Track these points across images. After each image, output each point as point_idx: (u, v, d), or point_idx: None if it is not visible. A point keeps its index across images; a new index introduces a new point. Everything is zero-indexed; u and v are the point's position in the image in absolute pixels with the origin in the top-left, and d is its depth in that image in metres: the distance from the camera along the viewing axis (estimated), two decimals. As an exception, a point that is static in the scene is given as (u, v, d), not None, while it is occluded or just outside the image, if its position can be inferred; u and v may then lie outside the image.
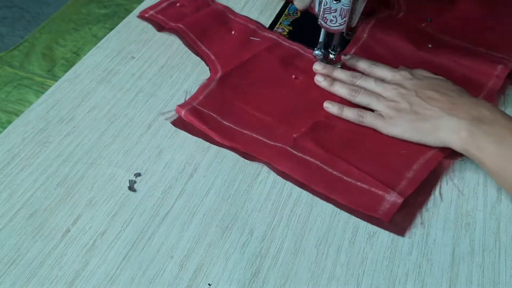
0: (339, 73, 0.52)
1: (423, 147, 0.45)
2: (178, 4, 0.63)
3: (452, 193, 0.43)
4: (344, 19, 0.47)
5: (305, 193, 0.43)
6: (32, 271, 0.37)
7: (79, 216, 0.41)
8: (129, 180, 0.44)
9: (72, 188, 0.43)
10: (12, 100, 1.36)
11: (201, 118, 0.48)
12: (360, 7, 0.48)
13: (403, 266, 0.38)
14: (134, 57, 0.57)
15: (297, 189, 0.44)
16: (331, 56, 0.53)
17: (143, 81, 0.54)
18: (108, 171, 0.44)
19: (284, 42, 0.58)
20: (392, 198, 0.41)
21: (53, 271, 0.37)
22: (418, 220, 0.41)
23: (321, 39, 0.53)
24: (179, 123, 0.49)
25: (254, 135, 0.47)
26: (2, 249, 0.39)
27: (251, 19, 0.61)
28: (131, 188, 0.43)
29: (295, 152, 0.45)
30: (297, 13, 0.64)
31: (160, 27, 0.60)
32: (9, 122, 1.18)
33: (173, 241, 0.40)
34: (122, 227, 0.40)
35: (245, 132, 0.48)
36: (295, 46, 0.58)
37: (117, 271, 0.38)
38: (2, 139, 0.47)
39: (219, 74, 0.53)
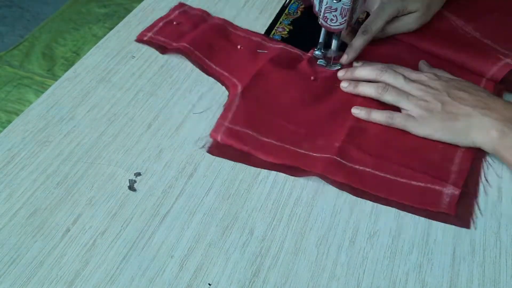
0: (361, 71, 0.50)
1: None
2: (174, 23, 0.60)
3: (453, 192, 0.43)
4: (345, 18, 0.47)
5: (305, 193, 0.43)
6: (32, 270, 0.37)
7: (79, 216, 0.41)
8: (129, 179, 0.44)
9: (72, 188, 0.43)
10: (12, 100, 1.36)
11: (239, 138, 0.47)
12: (360, 7, 0.48)
13: (404, 265, 0.38)
14: (134, 57, 0.57)
15: (298, 189, 0.43)
16: (334, 44, 0.52)
17: (143, 80, 0.54)
18: (108, 171, 0.44)
19: (292, 50, 0.57)
20: (450, 190, 0.42)
21: (53, 271, 0.37)
22: (476, 210, 0.42)
23: (321, 39, 0.53)
24: (216, 150, 0.46)
25: (297, 149, 0.46)
26: (2, 248, 0.39)
27: (252, 31, 0.60)
28: (131, 187, 0.43)
29: (344, 162, 0.45)
30: (297, 12, 0.64)
31: (163, 49, 0.57)
32: (9, 122, 1.18)
33: (173, 240, 0.39)
34: (122, 226, 0.40)
35: (287, 146, 0.46)
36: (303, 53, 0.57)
37: (117, 270, 0.38)
38: (2, 139, 0.47)
39: (239, 89, 0.52)
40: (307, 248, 0.39)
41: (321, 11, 0.48)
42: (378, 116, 0.47)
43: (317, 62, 0.54)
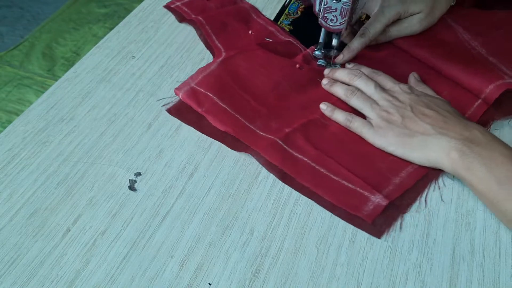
0: (340, 73, 0.51)
1: None
2: None
3: (453, 192, 0.43)
4: (344, 18, 0.47)
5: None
6: (32, 270, 0.37)
7: (79, 216, 0.41)
8: (129, 179, 0.44)
9: (72, 188, 0.43)
10: (12, 100, 1.36)
11: (197, 99, 0.49)
12: (360, 7, 0.48)
13: (403, 265, 0.38)
14: (134, 57, 0.57)
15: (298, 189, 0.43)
16: (334, 42, 0.52)
17: (143, 80, 0.54)
18: (108, 171, 0.44)
19: (296, 44, 0.58)
20: (377, 199, 0.41)
21: (53, 271, 0.37)
22: (397, 224, 0.41)
23: (321, 39, 0.53)
24: (174, 110, 0.49)
25: (247, 124, 0.47)
26: (2, 248, 0.39)
27: (272, 22, 0.61)
28: (132, 187, 0.43)
29: (285, 146, 0.45)
30: (297, 12, 0.64)
31: (181, 18, 0.61)
32: (9, 122, 1.18)
33: (173, 240, 0.40)
34: (122, 226, 0.40)
35: (239, 118, 0.48)
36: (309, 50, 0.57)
37: (117, 270, 0.38)
38: (2, 139, 0.47)
39: (222, 57, 0.53)
40: (307, 248, 0.39)
41: (321, 11, 0.48)
42: (340, 116, 0.48)
43: (317, 62, 0.54)
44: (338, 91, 0.50)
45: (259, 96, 0.50)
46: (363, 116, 0.48)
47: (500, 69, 0.52)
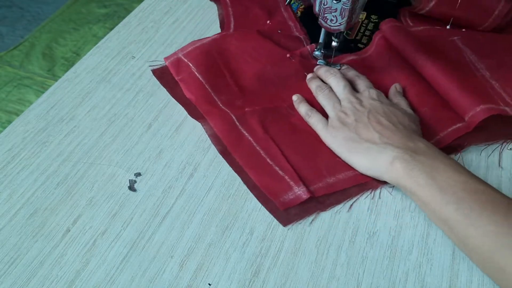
0: (320, 70, 0.52)
1: None
2: None
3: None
4: (344, 18, 0.47)
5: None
6: (32, 270, 0.37)
7: (79, 216, 0.41)
8: (129, 179, 0.44)
9: (72, 188, 0.43)
10: (12, 100, 1.36)
11: (178, 68, 0.52)
12: (361, 7, 0.48)
13: (403, 265, 0.38)
14: (134, 57, 0.57)
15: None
16: (334, 43, 0.52)
17: (143, 80, 0.54)
18: (108, 171, 0.44)
19: (305, 44, 0.58)
20: (300, 192, 0.41)
21: (53, 271, 0.37)
22: (309, 219, 0.41)
23: (321, 39, 0.53)
24: (158, 73, 0.53)
25: (212, 95, 0.49)
26: (2, 249, 0.39)
27: (296, 18, 0.60)
28: (131, 187, 0.43)
29: (237, 122, 0.47)
30: (297, 12, 0.64)
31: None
32: (9, 122, 1.18)
33: (173, 240, 0.40)
34: (122, 226, 0.40)
35: (208, 89, 0.49)
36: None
37: (117, 271, 0.38)
38: (2, 139, 0.47)
39: (219, 35, 0.55)
40: (307, 248, 0.39)
41: (321, 11, 0.48)
42: (302, 109, 0.48)
43: (317, 63, 0.54)
44: (312, 86, 0.51)
45: (239, 76, 0.52)
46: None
47: (499, 94, 0.49)
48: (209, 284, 0.37)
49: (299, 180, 0.42)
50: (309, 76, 0.52)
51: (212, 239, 0.40)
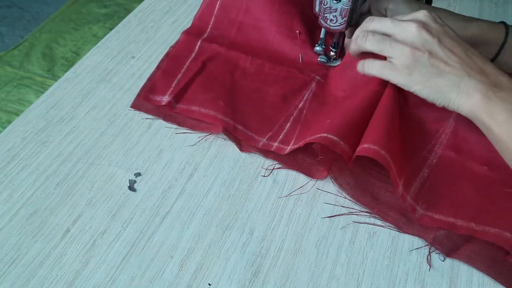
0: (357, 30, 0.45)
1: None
2: None
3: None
4: (344, 19, 0.47)
5: (305, 193, 0.43)
6: (32, 271, 0.37)
7: (79, 216, 0.41)
8: (129, 179, 0.44)
9: (72, 188, 0.43)
10: (12, 100, 1.36)
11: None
12: (360, 7, 0.48)
13: (403, 265, 0.38)
14: (134, 57, 0.57)
15: (298, 189, 0.43)
16: (332, 53, 0.53)
17: (143, 81, 0.54)
18: (108, 171, 0.44)
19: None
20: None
21: (53, 271, 0.37)
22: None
23: (322, 35, 0.53)
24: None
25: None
26: (2, 249, 0.39)
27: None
28: (131, 187, 0.43)
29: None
30: None
31: None
32: (9, 122, 1.18)
33: (173, 241, 0.40)
34: (122, 227, 0.40)
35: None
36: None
37: (117, 271, 0.38)
38: (2, 139, 0.47)
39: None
40: (307, 248, 0.39)
41: (321, 12, 0.48)
42: (358, 68, 0.43)
43: (318, 59, 0.54)
44: (352, 46, 0.44)
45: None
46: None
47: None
48: (209, 284, 0.37)
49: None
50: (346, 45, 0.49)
51: (212, 239, 0.40)
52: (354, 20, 0.49)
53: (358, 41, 0.42)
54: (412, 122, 0.45)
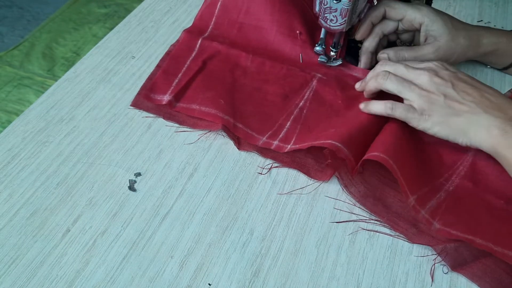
0: (367, 80, 0.48)
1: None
2: None
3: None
4: (345, 19, 0.47)
5: (305, 194, 0.43)
6: (32, 270, 0.37)
7: (79, 216, 0.41)
8: (129, 179, 0.44)
9: (72, 188, 0.43)
10: (12, 100, 1.36)
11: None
12: (360, 7, 0.48)
13: (404, 265, 0.38)
14: (134, 57, 0.57)
15: (298, 189, 0.43)
16: (332, 53, 0.53)
17: (143, 81, 0.54)
18: (108, 171, 0.44)
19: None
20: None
21: (53, 271, 0.37)
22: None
23: (322, 35, 0.53)
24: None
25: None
26: (2, 249, 0.39)
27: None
28: (131, 187, 0.43)
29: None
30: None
31: None
32: (9, 122, 1.18)
33: (173, 241, 0.40)
34: (122, 226, 0.40)
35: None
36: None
37: (117, 271, 0.38)
38: (2, 139, 0.47)
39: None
40: (307, 248, 0.39)
41: (321, 12, 0.48)
42: (378, 107, 0.45)
43: (318, 59, 0.54)
44: (371, 84, 0.46)
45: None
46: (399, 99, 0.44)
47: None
48: (209, 284, 0.37)
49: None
50: (357, 85, 0.49)
51: (212, 239, 0.40)
52: (354, 20, 0.49)
53: (379, 79, 0.44)
54: (430, 153, 0.45)
